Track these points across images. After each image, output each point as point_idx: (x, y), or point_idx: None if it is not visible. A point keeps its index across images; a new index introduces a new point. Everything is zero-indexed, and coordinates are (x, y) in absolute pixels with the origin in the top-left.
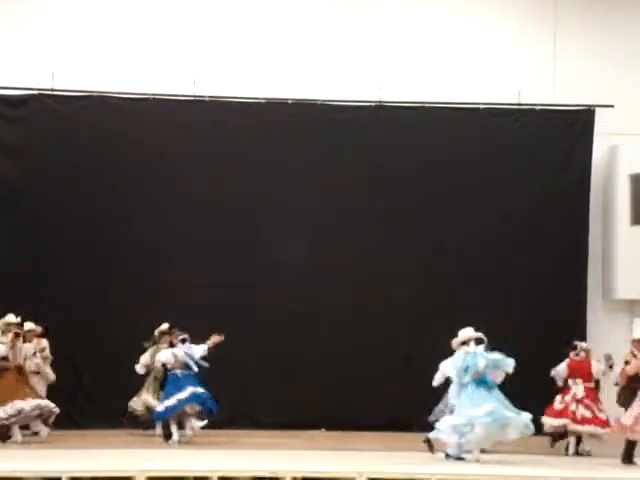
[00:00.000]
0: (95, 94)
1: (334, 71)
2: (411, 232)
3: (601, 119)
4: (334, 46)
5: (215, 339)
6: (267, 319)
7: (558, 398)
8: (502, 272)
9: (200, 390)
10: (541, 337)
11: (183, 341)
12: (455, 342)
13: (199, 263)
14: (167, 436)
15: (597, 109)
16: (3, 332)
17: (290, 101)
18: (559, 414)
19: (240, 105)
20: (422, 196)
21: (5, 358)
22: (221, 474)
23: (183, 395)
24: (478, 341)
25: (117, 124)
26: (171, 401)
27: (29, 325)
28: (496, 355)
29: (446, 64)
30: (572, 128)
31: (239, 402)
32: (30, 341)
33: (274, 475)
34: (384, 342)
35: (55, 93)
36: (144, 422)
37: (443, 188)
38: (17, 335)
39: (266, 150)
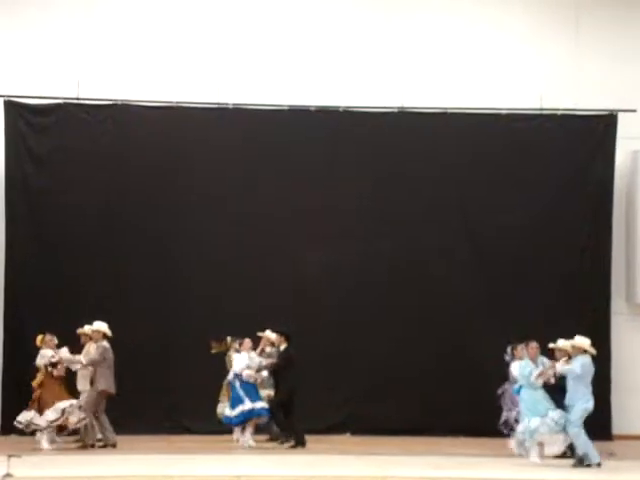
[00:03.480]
0: (119, 102)
1: (357, 78)
2: (433, 236)
3: (623, 123)
4: (357, 53)
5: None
6: (289, 323)
7: None
8: (525, 276)
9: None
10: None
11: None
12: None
13: (221, 268)
14: None
15: (619, 113)
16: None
17: (313, 108)
18: None
19: (263, 112)
20: (444, 200)
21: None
22: (245, 479)
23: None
24: None
25: (141, 132)
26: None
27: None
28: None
29: (468, 70)
30: (594, 133)
31: None
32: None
33: None
34: (406, 349)
35: (80, 102)
36: None
37: (465, 193)
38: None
39: (289, 156)
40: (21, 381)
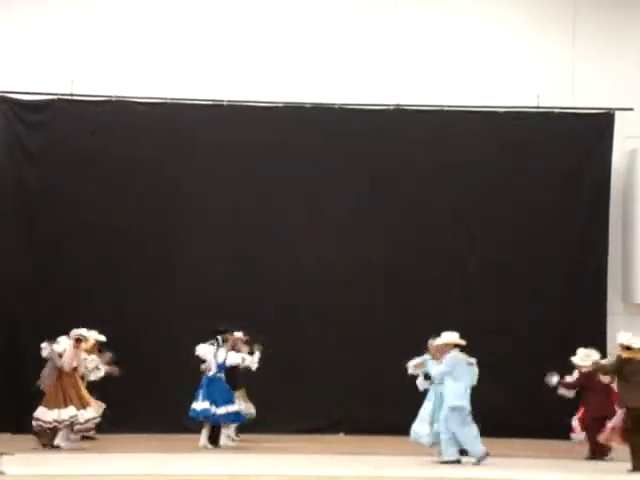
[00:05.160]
0: (114, 99)
1: (352, 75)
2: (430, 234)
3: (621, 122)
4: (352, 50)
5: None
6: (284, 323)
7: None
8: (520, 275)
9: None
10: (560, 341)
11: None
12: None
13: (219, 265)
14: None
15: (617, 112)
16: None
17: (308, 105)
18: None
19: (258, 109)
20: (441, 199)
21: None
22: (240, 478)
23: None
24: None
25: (135, 128)
26: None
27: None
28: None
29: (464, 68)
30: (591, 131)
31: (258, 407)
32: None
33: None
34: (402, 348)
35: (74, 98)
36: None
37: (461, 191)
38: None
39: (284, 154)
40: (13, 381)
